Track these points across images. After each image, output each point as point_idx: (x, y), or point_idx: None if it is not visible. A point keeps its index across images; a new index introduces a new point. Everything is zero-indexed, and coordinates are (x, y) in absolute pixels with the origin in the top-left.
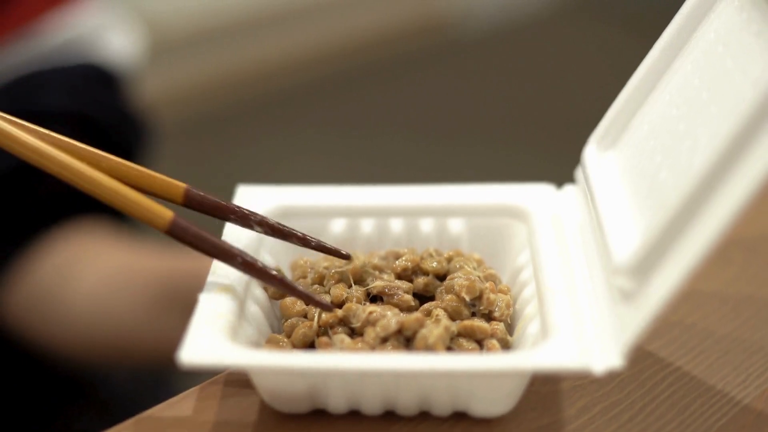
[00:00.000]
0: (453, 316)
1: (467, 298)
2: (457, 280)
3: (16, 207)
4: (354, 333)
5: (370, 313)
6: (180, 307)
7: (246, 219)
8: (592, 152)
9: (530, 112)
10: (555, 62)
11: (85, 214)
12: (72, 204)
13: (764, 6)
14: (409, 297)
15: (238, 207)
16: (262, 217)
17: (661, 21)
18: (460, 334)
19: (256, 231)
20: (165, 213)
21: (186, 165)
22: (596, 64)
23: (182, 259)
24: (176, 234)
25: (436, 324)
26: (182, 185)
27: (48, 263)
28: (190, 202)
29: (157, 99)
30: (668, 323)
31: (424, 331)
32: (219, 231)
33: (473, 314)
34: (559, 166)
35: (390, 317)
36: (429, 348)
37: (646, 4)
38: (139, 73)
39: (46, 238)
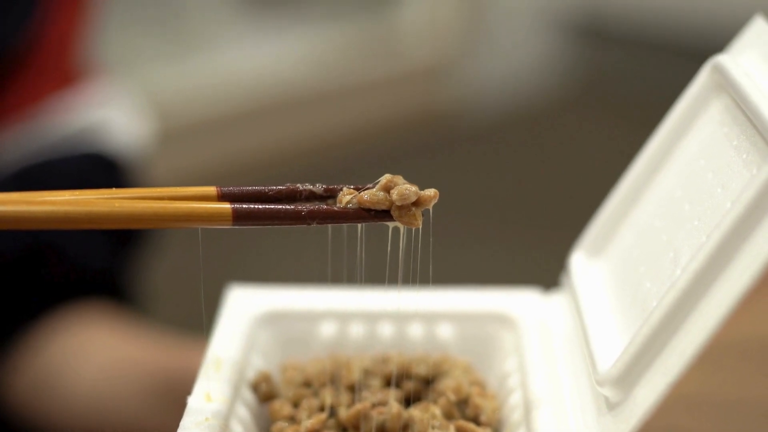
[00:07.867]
0: (447, 417)
1: (453, 398)
2: (446, 381)
3: (21, 291)
4: None
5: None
6: (175, 402)
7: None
8: (578, 260)
9: (527, 202)
10: (552, 156)
11: (87, 297)
12: (74, 287)
13: (744, 121)
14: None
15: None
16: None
17: (661, 116)
18: None
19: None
20: (223, 208)
21: (186, 252)
22: (593, 158)
23: (178, 353)
24: (243, 221)
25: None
26: (213, 188)
27: (52, 349)
28: (225, 198)
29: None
30: (657, 428)
31: None
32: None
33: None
34: (551, 251)
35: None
36: None
37: (647, 97)
38: (147, 160)
39: (50, 323)
